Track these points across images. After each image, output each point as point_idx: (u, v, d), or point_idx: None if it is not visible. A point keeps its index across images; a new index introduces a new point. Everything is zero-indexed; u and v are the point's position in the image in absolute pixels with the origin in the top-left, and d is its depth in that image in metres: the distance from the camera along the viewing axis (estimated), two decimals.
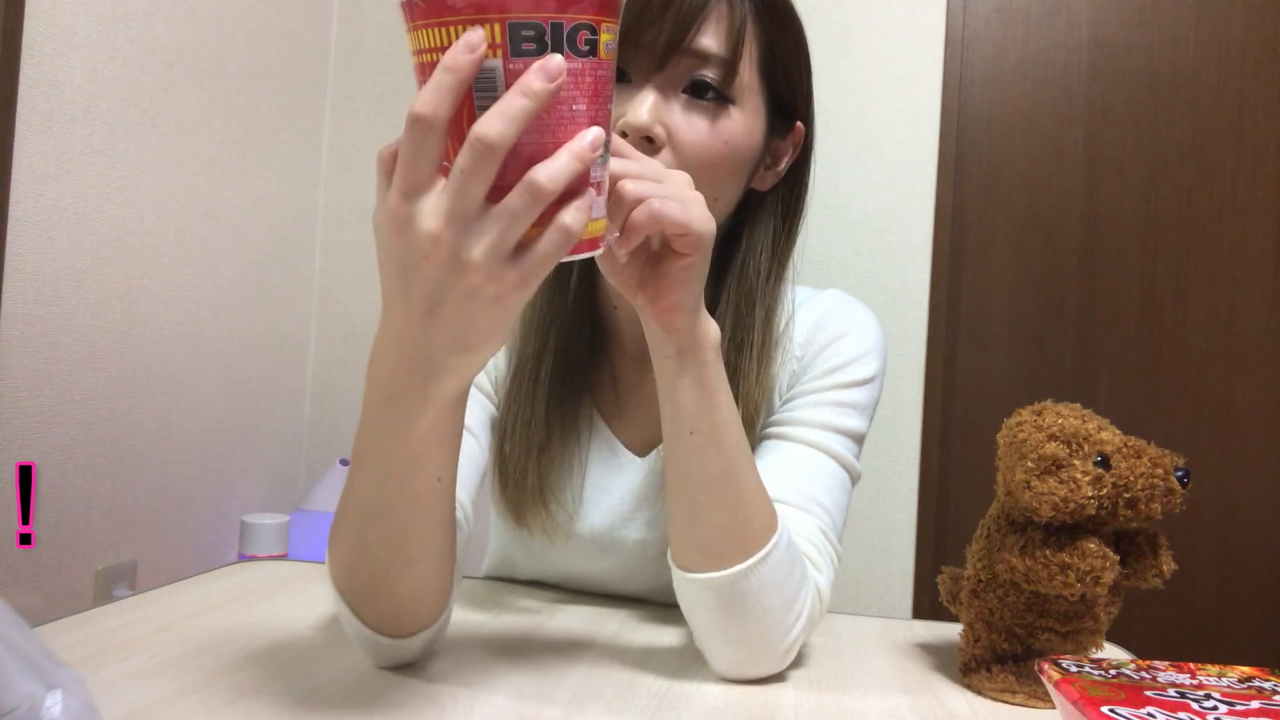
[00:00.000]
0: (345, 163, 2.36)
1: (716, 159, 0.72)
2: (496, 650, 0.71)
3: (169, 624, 0.73)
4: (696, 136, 0.70)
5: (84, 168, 1.63)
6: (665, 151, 0.70)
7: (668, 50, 0.69)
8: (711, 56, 0.70)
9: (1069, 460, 0.63)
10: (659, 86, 0.70)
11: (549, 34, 0.44)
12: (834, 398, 0.79)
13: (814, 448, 0.76)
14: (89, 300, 1.66)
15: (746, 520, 0.64)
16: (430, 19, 0.45)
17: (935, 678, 0.71)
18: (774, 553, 0.64)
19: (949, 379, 2.14)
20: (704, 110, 0.71)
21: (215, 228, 1.98)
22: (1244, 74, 2.07)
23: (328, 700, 0.59)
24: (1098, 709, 0.43)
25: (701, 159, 0.71)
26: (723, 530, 0.64)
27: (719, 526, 0.64)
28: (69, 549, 1.65)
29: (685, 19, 0.69)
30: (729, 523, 0.64)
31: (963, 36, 2.13)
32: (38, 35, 1.52)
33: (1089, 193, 2.12)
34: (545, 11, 0.44)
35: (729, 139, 0.72)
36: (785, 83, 0.77)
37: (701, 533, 0.65)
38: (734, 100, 0.72)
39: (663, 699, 0.63)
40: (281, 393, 2.26)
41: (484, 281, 0.46)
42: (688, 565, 0.66)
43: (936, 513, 2.11)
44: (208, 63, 1.92)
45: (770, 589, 0.64)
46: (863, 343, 0.82)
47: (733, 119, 0.72)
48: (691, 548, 0.65)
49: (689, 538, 0.65)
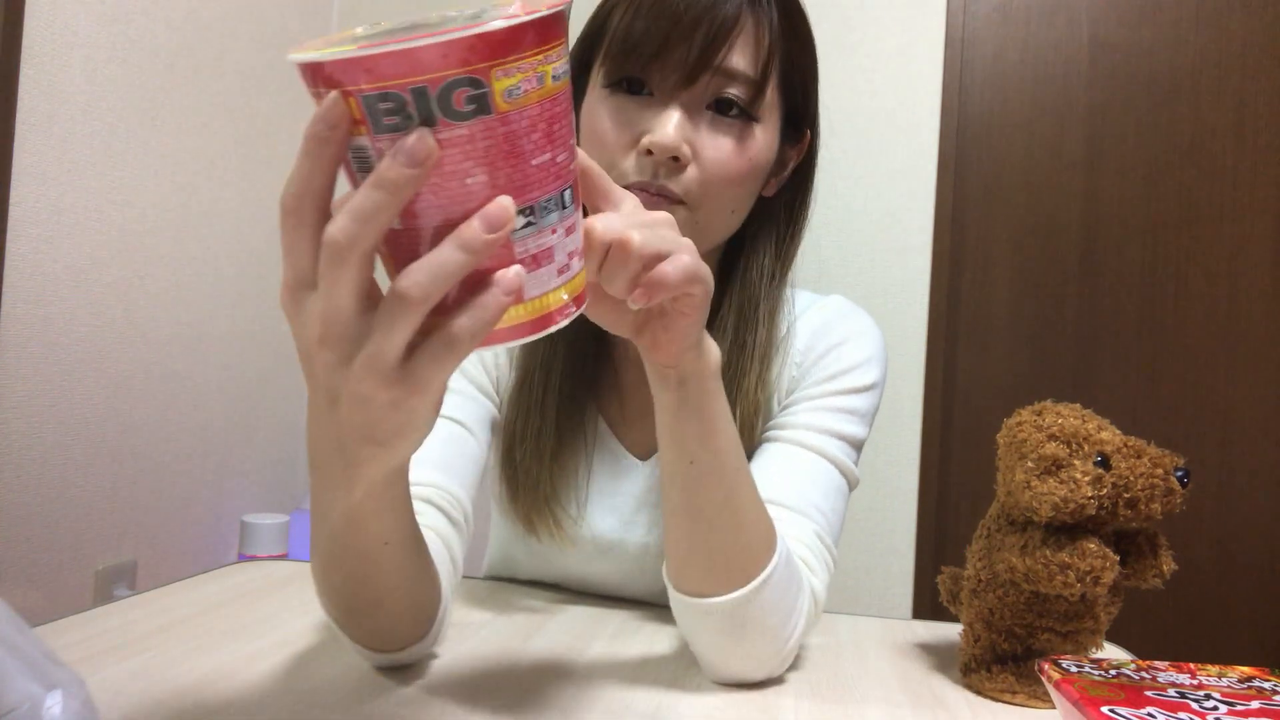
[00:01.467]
0: None
1: (740, 176, 0.72)
2: (496, 650, 0.71)
3: (169, 624, 0.73)
4: (722, 154, 0.71)
5: (84, 168, 1.63)
6: (691, 168, 0.70)
7: (698, 68, 0.69)
8: (740, 75, 0.70)
9: (1069, 460, 0.63)
10: (684, 104, 0.70)
11: (412, 103, 0.36)
12: (834, 403, 0.79)
13: (813, 451, 0.76)
14: (89, 300, 1.66)
15: (747, 545, 0.63)
16: (311, 89, 0.38)
17: (935, 678, 0.71)
18: (775, 573, 0.63)
19: (949, 379, 2.14)
20: (729, 128, 0.71)
21: (215, 228, 1.98)
22: (1244, 74, 2.07)
23: (328, 700, 0.59)
24: (1098, 709, 0.43)
25: (726, 176, 0.71)
26: (723, 556, 0.62)
27: (720, 552, 0.62)
28: (69, 549, 1.65)
29: (717, 37, 0.69)
30: (730, 548, 0.62)
31: (963, 36, 2.13)
32: (38, 35, 1.52)
33: (1089, 193, 2.12)
34: (403, 77, 0.36)
35: (753, 156, 0.72)
36: (802, 95, 0.78)
37: (702, 559, 0.63)
38: (758, 119, 0.72)
39: (662, 699, 0.63)
40: (281, 393, 2.26)
41: (373, 389, 0.40)
42: (688, 590, 0.64)
43: (936, 513, 2.11)
44: (208, 63, 1.92)
45: (770, 608, 0.64)
46: (864, 350, 0.82)
47: (756, 136, 0.72)
48: (692, 573, 0.64)
49: (688, 564, 0.64)
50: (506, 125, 0.38)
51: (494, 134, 0.38)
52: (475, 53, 0.36)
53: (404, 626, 0.62)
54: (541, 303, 0.42)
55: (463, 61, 0.36)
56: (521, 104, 0.38)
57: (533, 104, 0.38)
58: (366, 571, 0.56)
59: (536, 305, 0.42)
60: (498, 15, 0.37)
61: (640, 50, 0.69)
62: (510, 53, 0.37)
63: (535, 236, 0.40)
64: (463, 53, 0.35)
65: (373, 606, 0.59)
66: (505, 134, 0.38)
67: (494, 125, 0.37)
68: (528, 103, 0.38)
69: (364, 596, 0.58)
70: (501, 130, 0.38)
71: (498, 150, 0.38)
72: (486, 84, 0.36)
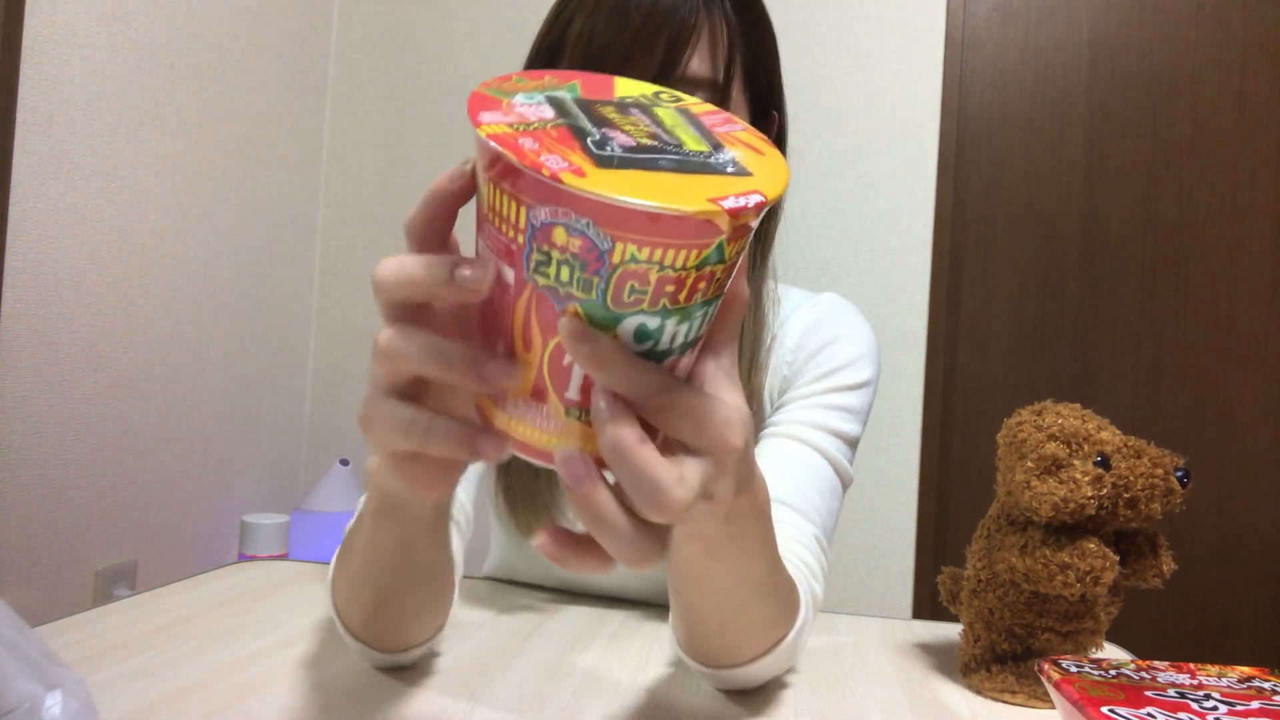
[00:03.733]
0: (345, 163, 2.36)
1: None
2: (496, 650, 0.71)
3: (169, 624, 0.73)
4: None
5: (84, 168, 1.63)
6: None
7: (660, 79, 0.68)
8: (703, 81, 0.70)
9: (1069, 460, 0.63)
10: None
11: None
12: (828, 400, 0.79)
13: (810, 447, 0.76)
14: (89, 300, 1.66)
15: (769, 618, 0.58)
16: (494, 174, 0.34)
17: (935, 678, 0.71)
18: (795, 635, 0.60)
19: (949, 379, 2.14)
20: None
21: (215, 228, 1.98)
22: (1244, 74, 2.07)
23: (328, 700, 0.59)
24: (1098, 709, 0.43)
25: None
26: (747, 635, 0.58)
27: (745, 633, 0.57)
28: (69, 549, 1.65)
29: (675, 45, 0.68)
30: (752, 625, 0.57)
31: (963, 36, 2.13)
32: (38, 35, 1.52)
33: (1089, 193, 2.12)
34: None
35: None
36: (765, 81, 0.77)
37: (715, 641, 0.58)
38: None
39: (662, 699, 0.63)
40: (281, 393, 2.26)
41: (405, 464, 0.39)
42: (707, 661, 0.60)
43: (936, 513, 2.11)
44: (208, 63, 1.92)
45: (784, 662, 0.62)
46: (856, 347, 0.82)
47: None
48: (713, 650, 0.59)
49: (708, 642, 0.58)
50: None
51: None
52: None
53: (417, 633, 0.62)
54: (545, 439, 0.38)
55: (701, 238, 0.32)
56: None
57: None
58: (400, 588, 0.58)
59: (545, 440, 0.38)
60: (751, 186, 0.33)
61: (602, 64, 0.68)
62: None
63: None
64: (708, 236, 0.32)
65: (396, 615, 0.60)
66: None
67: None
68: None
69: (393, 606, 0.59)
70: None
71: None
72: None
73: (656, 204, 0.30)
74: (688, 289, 0.33)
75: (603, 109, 0.37)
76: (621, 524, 0.35)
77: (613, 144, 0.34)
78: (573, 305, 0.33)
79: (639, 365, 0.34)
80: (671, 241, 0.31)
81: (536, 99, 0.36)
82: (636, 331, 0.34)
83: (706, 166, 0.34)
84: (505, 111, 0.34)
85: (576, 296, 0.33)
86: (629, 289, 0.33)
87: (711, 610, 0.54)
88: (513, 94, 0.36)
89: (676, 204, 0.31)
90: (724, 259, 0.33)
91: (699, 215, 0.31)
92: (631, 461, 0.34)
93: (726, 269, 0.34)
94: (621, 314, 0.33)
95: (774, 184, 0.34)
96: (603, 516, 0.35)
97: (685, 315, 0.34)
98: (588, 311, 0.33)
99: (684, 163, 0.34)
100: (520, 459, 0.39)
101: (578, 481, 0.35)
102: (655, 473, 0.34)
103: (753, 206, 0.32)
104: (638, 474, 0.34)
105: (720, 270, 0.34)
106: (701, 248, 0.32)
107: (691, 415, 0.36)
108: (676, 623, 0.60)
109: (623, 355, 0.34)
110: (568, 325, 0.33)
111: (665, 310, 0.34)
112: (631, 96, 0.39)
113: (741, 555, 0.49)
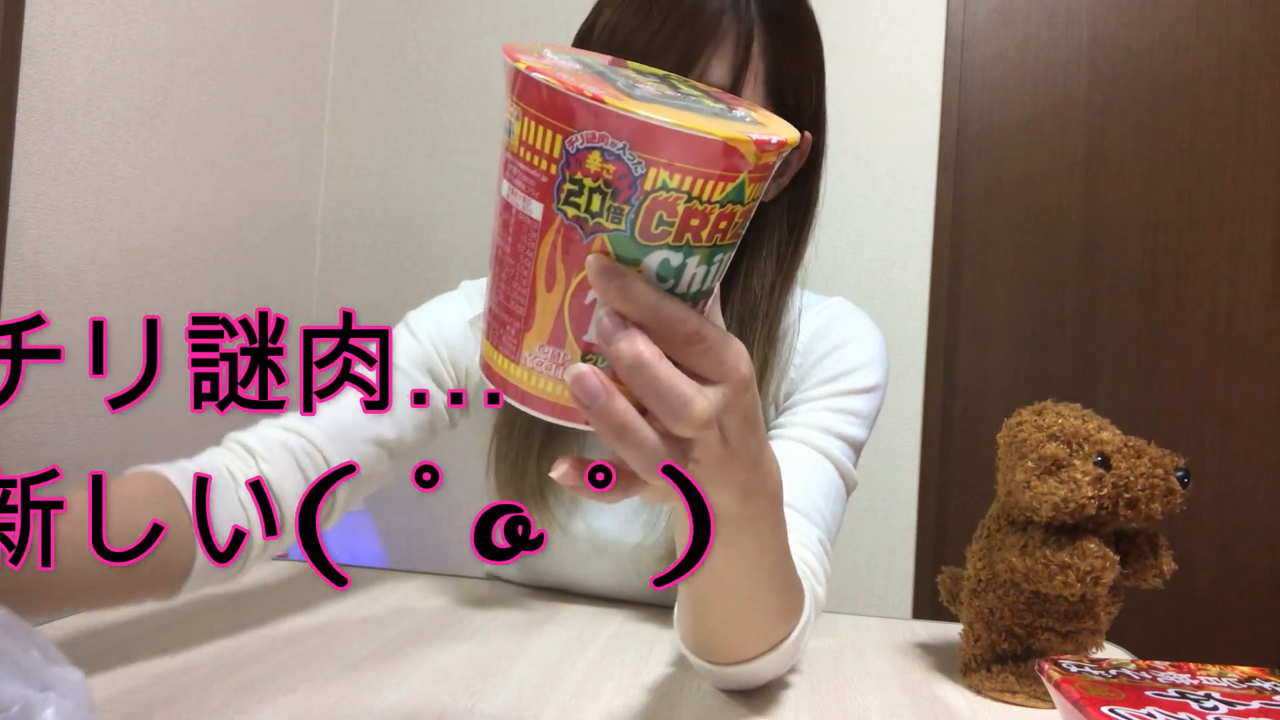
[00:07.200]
0: (345, 163, 2.36)
1: None
2: (496, 650, 0.71)
3: (169, 624, 0.73)
4: None
5: (84, 168, 1.63)
6: None
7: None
8: (714, 86, 0.70)
9: (1069, 460, 0.63)
10: None
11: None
12: (836, 404, 0.78)
13: (816, 450, 0.76)
14: (89, 300, 1.66)
15: (780, 614, 0.59)
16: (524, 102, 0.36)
17: (935, 678, 0.71)
18: (799, 633, 0.60)
19: (949, 379, 2.14)
20: None
21: (215, 228, 1.98)
22: (1244, 74, 2.06)
23: (327, 700, 0.59)
24: (1098, 709, 0.43)
25: None
26: (753, 629, 0.59)
27: (751, 626, 0.58)
28: None
29: (694, 47, 0.68)
30: (757, 622, 0.58)
31: (963, 36, 2.13)
32: (38, 35, 1.52)
33: (1089, 193, 2.12)
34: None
35: None
36: (794, 97, 0.75)
37: (720, 639, 0.59)
38: None
39: (662, 699, 0.63)
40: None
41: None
42: (711, 657, 0.60)
43: (936, 513, 2.11)
44: (208, 63, 1.92)
45: (786, 661, 0.62)
46: (865, 352, 0.81)
47: None
48: (718, 645, 0.60)
49: (714, 636, 0.59)
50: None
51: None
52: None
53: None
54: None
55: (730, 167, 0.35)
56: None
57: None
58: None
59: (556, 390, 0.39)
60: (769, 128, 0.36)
61: (623, 56, 0.68)
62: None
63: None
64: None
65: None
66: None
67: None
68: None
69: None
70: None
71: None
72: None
73: (691, 126, 0.33)
74: (710, 226, 0.35)
75: (624, 70, 0.41)
76: (643, 428, 0.37)
77: (641, 88, 0.37)
78: (600, 238, 0.35)
79: (666, 298, 0.36)
80: (701, 170, 0.34)
81: (565, 57, 0.39)
82: (659, 269, 0.36)
83: (726, 115, 0.37)
84: (538, 58, 0.37)
85: (606, 227, 0.35)
86: (657, 219, 0.34)
87: (722, 601, 0.55)
88: (542, 51, 0.39)
89: (708, 129, 0.33)
90: (743, 200, 0.36)
91: (730, 140, 0.34)
92: (655, 374, 0.36)
93: (745, 213, 0.37)
94: (648, 246, 0.35)
95: (789, 135, 0.37)
96: (625, 425, 0.36)
97: (704, 257, 0.36)
98: (615, 246, 0.35)
99: (705, 110, 0.37)
100: (512, 457, 0.40)
101: (594, 396, 0.36)
102: (679, 383, 0.36)
103: (775, 143, 0.35)
104: (661, 385, 0.36)
105: (739, 213, 0.36)
106: (727, 180, 0.34)
107: (713, 348, 0.38)
108: (683, 617, 0.60)
109: (649, 287, 0.35)
110: (595, 260, 0.35)
111: (688, 247, 0.36)
112: (646, 71, 0.43)
113: (755, 539, 0.50)
